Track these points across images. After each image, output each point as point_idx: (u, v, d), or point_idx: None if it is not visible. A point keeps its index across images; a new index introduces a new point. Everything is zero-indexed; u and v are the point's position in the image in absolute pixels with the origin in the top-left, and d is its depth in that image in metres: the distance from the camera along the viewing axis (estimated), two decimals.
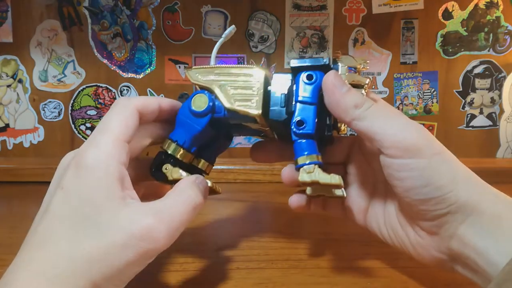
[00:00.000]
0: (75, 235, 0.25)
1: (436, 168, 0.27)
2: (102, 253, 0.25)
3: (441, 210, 0.28)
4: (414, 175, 0.28)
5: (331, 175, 0.30)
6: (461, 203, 0.27)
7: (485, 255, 0.27)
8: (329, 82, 0.30)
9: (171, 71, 0.69)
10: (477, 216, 0.27)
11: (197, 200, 0.29)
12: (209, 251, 0.41)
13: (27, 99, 0.69)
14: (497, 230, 0.27)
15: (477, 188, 0.28)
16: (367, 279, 0.36)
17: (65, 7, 0.67)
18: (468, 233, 0.28)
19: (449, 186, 0.27)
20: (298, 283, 0.35)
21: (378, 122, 0.29)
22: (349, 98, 0.29)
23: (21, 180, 0.63)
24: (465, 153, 0.71)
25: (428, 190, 0.27)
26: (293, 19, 0.68)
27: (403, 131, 0.28)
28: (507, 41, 0.69)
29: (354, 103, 0.29)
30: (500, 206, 0.28)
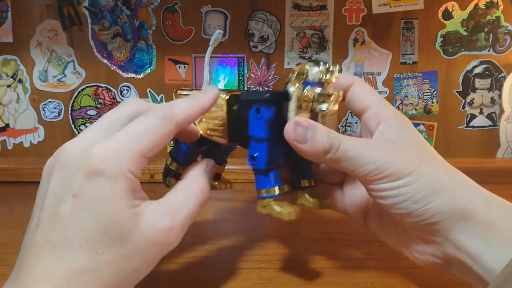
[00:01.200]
0: (95, 246, 0.24)
1: (411, 185, 0.28)
2: (125, 261, 0.25)
3: (426, 220, 0.28)
4: (391, 194, 0.29)
5: (283, 208, 0.31)
6: (446, 211, 0.28)
7: (479, 260, 0.27)
8: (289, 138, 0.30)
9: (171, 71, 0.69)
10: (468, 222, 0.28)
11: (205, 192, 0.30)
12: (209, 251, 0.41)
13: (27, 99, 0.69)
14: (490, 235, 0.27)
15: (465, 194, 0.28)
16: (367, 279, 0.36)
17: (65, 7, 0.67)
18: (461, 238, 0.28)
19: (428, 198, 0.28)
20: (298, 283, 0.35)
21: (351, 159, 0.29)
22: (315, 148, 0.29)
23: (21, 180, 0.63)
24: (465, 153, 0.71)
25: (407, 204, 0.28)
26: (293, 19, 0.68)
27: (375, 162, 0.28)
28: (507, 41, 0.69)
29: (322, 149, 0.29)
30: (492, 211, 0.28)
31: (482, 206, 0.28)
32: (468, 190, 0.29)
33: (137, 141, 0.26)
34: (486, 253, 0.27)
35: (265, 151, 0.31)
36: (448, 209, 0.28)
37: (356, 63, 0.70)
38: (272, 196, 0.31)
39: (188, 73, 0.69)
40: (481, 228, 0.27)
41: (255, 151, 0.31)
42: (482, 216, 0.27)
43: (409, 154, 0.29)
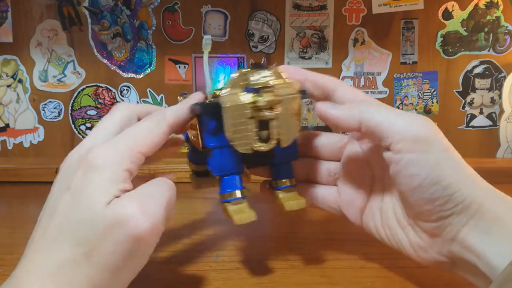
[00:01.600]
0: (78, 237, 0.25)
1: (444, 166, 0.27)
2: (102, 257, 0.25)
3: (446, 211, 0.27)
4: (423, 172, 0.27)
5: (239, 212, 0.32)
6: (466, 204, 0.27)
7: (485, 258, 0.26)
8: (321, 109, 0.31)
9: (171, 71, 0.69)
10: (479, 217, 0.27)
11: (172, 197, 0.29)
12: (209, 251, 0.41)
13: (27, 99, 0.69)
14: (497, 232, 0.26)
15: (481, 188, 0.28)
16: (367, 279, 0.36)
17: (65, 7, 0.67)
18: (469, 236, 0.27)
19: (456, 185, 0.27)
20: (298, 283, 0.35)
21: (385, 117, 0.29)
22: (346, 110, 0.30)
23: (21, 180, 0.63)
24: (465, 153, 0.70)
25: (436, 188, 0.27)
26: (293, 19, 0.68)
27: (411, 124, 0.28)
28: (507, 41, 0.69)
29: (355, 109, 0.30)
30: (501, 208, 0.27)
31: (492, 200, 0.27)
32: (483, 185, 0.28)
33: (134, 140, 0.28)
34: (492, 250, 0.26)
35: (216, 159, 0.32)
36: (468, 202, 0.27)
37: (356, 63, 0.70)
38: (230, 200, 0.33)
39: (188, 73, 0.69)
40: (489, 223, 0.27)
41: (209, 160, 0.32)
42: (491, 211, 0.27)
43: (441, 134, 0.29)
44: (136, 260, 0.27)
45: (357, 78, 0.70)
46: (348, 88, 0.34)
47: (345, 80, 0.70)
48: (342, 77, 0.70)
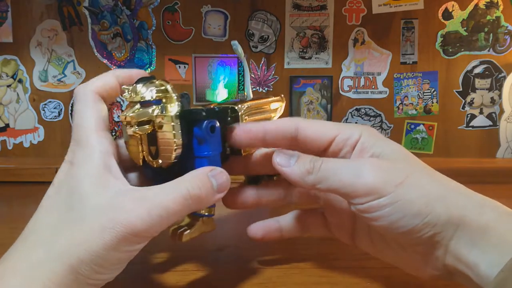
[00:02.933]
0: (59, 223, 0.26)
1: (404, 198, 0.27)
2: (82, 237, 0.25)
3: (426, 233, 0.27)
4: (385, 212, 0.27)
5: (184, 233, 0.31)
6: (443, 221, 0.27)
7: (475, 268, 0.26)
8: (275, 164, 0.30)
9: (171, 71, 0.69)
10: (463, 229, 0.27)
11: (192, 191, 0.27)
12: (209, 251, 0.41)
13: (27, 99, 0.69)
14: (484, 242, 0.26)
15: (458, 200, 0.28)
16: (367, 279, 0.36)
17: (65, 7, 0.67)
18: (459, 247, 0.27)
19: (425, 210, 0.27)
20: (298, 283, 0.35)
21: (335, 177, 0.28)
22: (298, 170, 0.29)
23: (21, 180, 0.63)
24: (465, 153, 0.71)
25: (406, 220, 0.27)
26: (293, 19, 0.68)
27: (359, 176, 0.28)
28: (507, 41, 0.69)
29: (306, 171, 0.29)
30: (485, 215, 0.27)
31: (475, 210, 0.27)
32: (460, 196, 0.28)
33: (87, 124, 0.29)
34: (482, 261, 0.26)
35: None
36: (445, 219, 0.27)
37: (356, 63, 0.70)
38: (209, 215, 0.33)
39: (188, 73, 0.69)
40: (475, 234, 0.27)
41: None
42: (475, 222, 0.27)
43: (395, 167, 0.28)
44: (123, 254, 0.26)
45: (357, 78, 0.70)
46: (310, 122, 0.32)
47: (345, 80, 0.70)
48: (342, 77, 0.70)
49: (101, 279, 0.26)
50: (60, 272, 0.24)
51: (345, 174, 0.28)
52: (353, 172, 0.28)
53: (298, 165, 0.29)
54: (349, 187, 0.28)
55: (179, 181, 0.28)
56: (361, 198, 0.28)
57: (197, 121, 0.29)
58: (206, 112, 0.30)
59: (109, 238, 0.25)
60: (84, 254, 0.25)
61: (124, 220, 0.25)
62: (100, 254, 0.25)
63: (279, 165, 0.30)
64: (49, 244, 0.25)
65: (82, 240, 0.25)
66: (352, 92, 0.70)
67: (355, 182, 0.28)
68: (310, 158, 0.30)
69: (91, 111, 0.29)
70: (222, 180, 0.29)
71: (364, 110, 0.71)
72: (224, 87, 0.70)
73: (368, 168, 0.28)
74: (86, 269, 0.25)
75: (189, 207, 0.27)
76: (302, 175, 0.29)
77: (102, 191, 0.26)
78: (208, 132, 0.30)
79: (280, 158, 0.30)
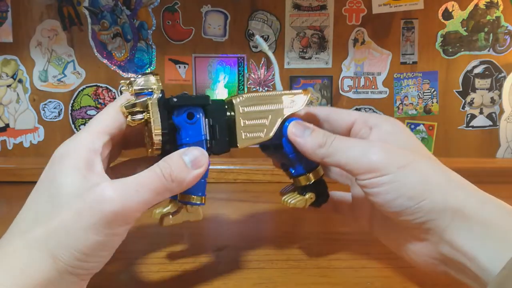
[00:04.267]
0: (37, 214, 0.26)
1: (403, 181, 0.28)
2: (59, 223, 0.25)
3: (420, 218, 0.28)
4: (383, 190, 0.29)
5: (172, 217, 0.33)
6: (438, 209, 0.28)
7: (475, 260, 0.27)
8: (290, 133, 0.33)
9: (171, 71, 0.69)
10: (462, 221, 0.28)
11: (164, 170, 0.28)
12: (209, 251, 0.41)
13: (27, 99, 0.69)
14: (485, 235, 0.27)
15: (459, 193, 0.28)
16: (367, 279, 0.36)
17: (65, 7, 0.67)
18: (456, 238, 0.28)
19: (422, 195, 0.28)
20: (298, 283, 0.35)
21: (343, 153, 0.30)
22: (311, 142, 0.31)
23: (21, 180, 0.63)
24: (465, 153, 0.71)
25: (401, 201, 0.28)
26: (293, 19, 0.68)
27: (365, 155, 0.29)
28: (507, 41, 0.69)
29: (318, 144, 0.31)
30: (487, 211, 0.28)
31: (477, 206, 0.28)
32: (462, 190, 0.29)
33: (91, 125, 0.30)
34: (482, 253, 0.27)
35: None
36: (441, 207, 0.28)
37: (356, 63, 0.70)
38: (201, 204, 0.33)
39: (188, 73, 0.69)
40: (476, 228, 0.27)
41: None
42: (477, 216, 0.27)
43: (401, 151, 0.30)
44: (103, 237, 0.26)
45: (357, 78, 0.70)
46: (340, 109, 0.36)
47: (345, 80, 0.70)
48: (342, 77, 0.70)
49: (84, 268, 0.26)
50: (37, 259, 0.25)
51: (352, 152, 0.30)
52: (361, 150, 0.30)
53: (312, 138, 0.32)
54: (354, 164, 0.30)
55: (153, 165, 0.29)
56: (364, 174, 0.29)
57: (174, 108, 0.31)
58: (178, 98, 0.31)
59: (87, 219, 0.25)
60: (62, 238, 0.25)
61: (102, 200, 0.25)
62: (79, 236, 0.25)
63: (294, 135, 0.32)
64: (27, 233, 0.25)
65: (59, 225, 0.25)
66: (352, 92, 0.70)
67: (360, 160, 0.29)
68: (324, 133, 0.32)
69: (106, 115, 0.30)
70: (195, 156, 0.29)
71: (364, 110, 0.71)
72: (224, 87, 0.70)
73: (375, 149, 0.30)
74: (65, 254, 0.25)
75: (165, 186, 0.28)
76: (313, 147, 0.31)
77: (80, 181, 0.26)
78: (185, 119, 0.31)
79: (296, 129, 0.32)
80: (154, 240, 0.44)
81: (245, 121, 0.33)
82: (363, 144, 0.31)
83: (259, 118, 0.34)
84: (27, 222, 0.26)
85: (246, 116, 0.33)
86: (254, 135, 0.34)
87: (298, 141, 0.32)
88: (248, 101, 0.33)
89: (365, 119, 0.33)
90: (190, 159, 0.29)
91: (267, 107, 0.34)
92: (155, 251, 0.41)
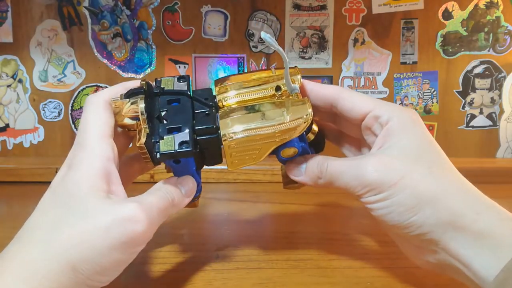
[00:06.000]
0: (57, 223, 0.26)
1: (395, 197, 0.29)
2: (84, 236, 0.25)
3: (413, 232, 0.29)
4: (377, 206, 0.30)
5: None
6: (431, 223, 0.28)
7: (471, 268, 0.28)
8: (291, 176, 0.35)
9: (171, 71, 0.69)
10: (457, 232, 0.28)
11: (174, 196, 0.31)
12: (209, 251, 0.41)
13: (27, 99, 0.69)
14: (480, 245, 0.27)
15: (452, 205, 0.28)
16: (367, 279, 0.36)
17: (65, 7, 0.67)
18: (452, 247, 0.28)
19: (412, 210, 0.29)
20: (298, 283, 0.35)
21: (341, 179, 0.32)
22: (309, 177, 0.34)
23: (21, 180, 0.63)
24: (465, 153, 0.71)
25: (392, 216, 0.30)
26: (293, 19, 0.68)
27: (359, 177, 0.31)
28: (507, 41, 0.69)
29: (315, 176, 0.33)
30: (481, 221, 0.28)
31: (471, 216, 0.28)
32: (456, 200, 0.29)
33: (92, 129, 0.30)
34: (477, 262, 0.27)
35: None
36: (433, 221, 0.28)
37: (356, 63, 0.70)
38: None
39: (188, 73, 0.69)
40: (470, 237, 0.28)
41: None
42: (471, 227, 0.28)
43: (393, 166, 0.30)
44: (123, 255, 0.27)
45: (357, 78, 0.70)
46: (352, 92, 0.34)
47: (345, 80, 0.70)
48: (342, 77, 0.70)
49: (101, 281, 0.26)
50: (58, 271, 0.24)
51: (348, 176, 0.31)
52: (355, 172, 0.31)
53: (308, 173, 0.34)
54: (352, 187, 0.31)
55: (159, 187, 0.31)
56: (363, 195, 0.31)
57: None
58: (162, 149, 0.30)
59: (115, 237, 0.25)
60: (86, 252, 0.25)
61: (133, 220, 0.26)
62: (104, 253, 0.25)
63: (294, 176, 0.35)
64: (46, 243, 0.25)
65: (85, 239, 0.25)
66: None
67: (357, 182, 0.31)
68: (317, 163, 0.33)
69: (98, 117, 0.30)
70: (190, 187, 0.32)
71: None
72: None
73: (369, 168, 0.30)
74: (87, 268, 0.25)
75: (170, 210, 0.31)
76: (313, 181, 0.33)
77: (101, 196, 0.27)
78: (172, 164, 0.32)
79: (293, 172, 0.35)
80: (154, 240, 0.44)
81: (232, 153, 0.32)
82: (357, 165, 0.31)
83: (248, 150, 0.32)
84: (45, 229, 0.26)
85: (234, 150, 0.32)
86: (242, 161, 0.33)
87: (299, 180, 0.34)
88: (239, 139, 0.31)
89: (377, 113, 0.32)
90: (186, 191, 0.32)
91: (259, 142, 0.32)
92: (155, 251, 0.41)
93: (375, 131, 0.33)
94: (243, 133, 0.31)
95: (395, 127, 0.31)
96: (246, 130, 0.31)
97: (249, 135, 0.31)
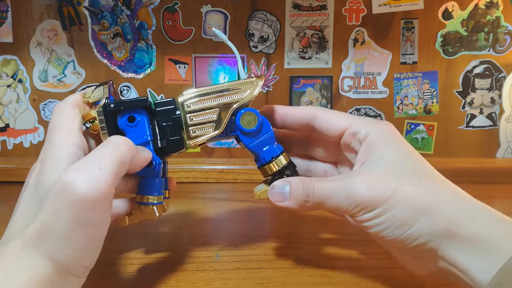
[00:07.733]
0: (28, 218, 0.27)
1: (389, 213, 0.29)
2: (44, 224, 0.25)
3: (411, 244, 0.29)
4: (372, 223, 0.30)
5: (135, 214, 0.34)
6: (428, 233, 0.28)
7: (468, 273, 0.28)
8: (274, 202, 0.33)
9: (171, 71, 0.69)
10: (452, 239, 0.28)
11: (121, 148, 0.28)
12: (209, 251, 0.41)
13: (27, 99, 0.69)
14: (475, 250, 0.27)
15: (446, 212, 0.28)
16: (367, 279, 0.36)
17: (65, 7, 0.67)
18: (449, 254, 0.28)
19: (408, 223, 0.28)
20: (298, 283, 0.35)
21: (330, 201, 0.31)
22: (295, 202, 0.32)
23: (21, 180, 0.62)
24: (465, 153, 0.71)
25: (389, 231, 0.29)
26: (293, 19, 0.68)
27: (350, 197, 0.30)
28: (507, 41, 0.69)
29: (302, 200, 0.31)
30: (475, 226, 0.28)
31: (465, 221, 0.28)
32: (449, 207, 0.29)
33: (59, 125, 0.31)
34: (474, 267, 0.27)
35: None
36: (429, 230, 0.28)
37: (356, 63, 0.70)
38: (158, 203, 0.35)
39: (188, 73, 0.69)
40: (466, 244, 0.28)
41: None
42: (465, 233, 0.28)
43: (383, 181, 0.30)
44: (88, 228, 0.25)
45: (357, 78, 0.70)
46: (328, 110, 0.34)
47: (345, 80, 0.70)
48: (342, 77, 0.70)
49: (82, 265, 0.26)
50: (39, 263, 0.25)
51: (339, 197, 0.30)
52: (346, 193, 0.30)
53: (294, 197, 0.32)
54: (344, 208, 0.30)
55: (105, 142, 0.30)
56: (355, 214, 0.30)
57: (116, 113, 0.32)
58: (115, 103, 0.32)
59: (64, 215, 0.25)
60: (51, 239, 0.25)
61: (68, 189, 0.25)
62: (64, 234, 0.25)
63: (277, 203, 0.33)
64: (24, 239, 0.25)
65: (45, 226, 0.25)
66: (352, 92, 0.70)
67: (348, 202, 0.30)
68: (301, 186, 0.31)
69: (64, 115, 0.31)
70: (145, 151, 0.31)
71: (364, 110, 0.71)
72: None
73: (358, 188, 0.30)
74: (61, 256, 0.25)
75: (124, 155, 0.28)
76: (301, 205, 0.32)
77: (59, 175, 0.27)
78: (126, 122, 0.32)
79: (275, 196, 0.33)
80: (154, 240, 0.44)
81: (192, 118, 0.33)
82: (346, 184, 0.30)
83: (205, 114, 0.33)
84: (21, 226, 0.26)
85: (192, 113, 0.33)
86: (203, 132, 0.34)
87: (285, 206, 0.32)
88: (193, 97, 0.33)
89: (354, 129, 0.32)
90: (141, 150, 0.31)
91: (213, 101, 0.34)
92: (155, 251, 0.41)
93: (354, 147, 0.33)
94: (197, 92, 0.33)
95: (375, 141, 0.31)
96: (199, 91, 0.34)
97: (203, 93, 0.33)
